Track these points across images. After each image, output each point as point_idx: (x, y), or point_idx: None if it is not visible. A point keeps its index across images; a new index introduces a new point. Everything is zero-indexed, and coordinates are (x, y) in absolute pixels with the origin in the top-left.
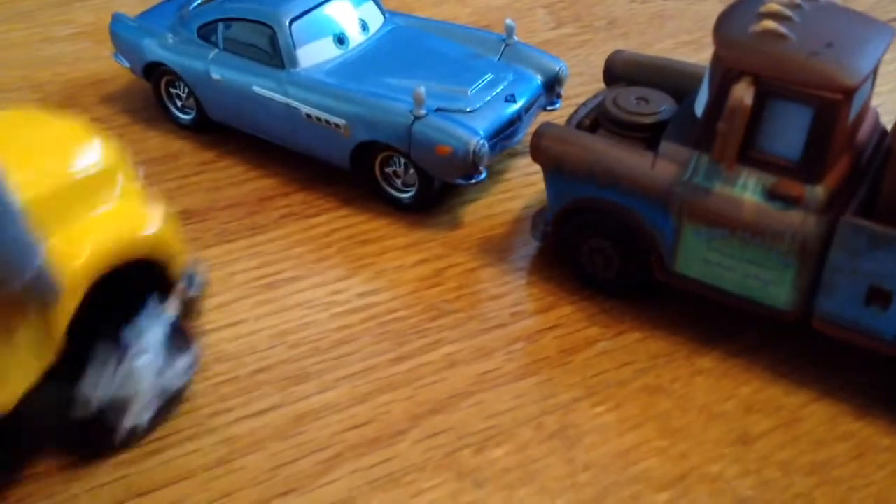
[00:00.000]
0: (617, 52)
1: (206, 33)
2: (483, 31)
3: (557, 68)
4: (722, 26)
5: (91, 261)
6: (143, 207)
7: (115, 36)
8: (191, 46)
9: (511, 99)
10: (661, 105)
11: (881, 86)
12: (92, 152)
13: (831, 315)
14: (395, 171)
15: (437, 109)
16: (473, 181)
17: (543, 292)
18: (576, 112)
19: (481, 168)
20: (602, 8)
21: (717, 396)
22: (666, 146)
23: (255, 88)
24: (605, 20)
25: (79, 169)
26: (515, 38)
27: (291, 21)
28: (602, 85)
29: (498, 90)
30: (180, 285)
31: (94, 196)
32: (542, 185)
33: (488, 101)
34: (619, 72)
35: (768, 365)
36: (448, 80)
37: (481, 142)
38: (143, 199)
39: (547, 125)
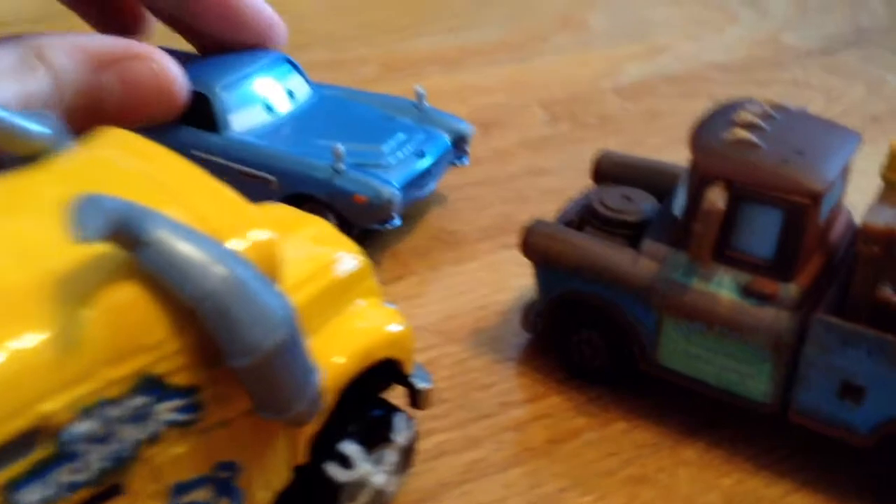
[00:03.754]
0: (604, 153)
1: None
2: (397, 98)
3: (463, 128)
4: (697, 134)
5: (348, 366)
6: (383, 305)
7: None
8: None
9: (421, 155)
10: (644, 204)
11: (866, 181)
12: (346, 250)
13: (807, 408)
14: None
15: (356, 165)
16: (388, 227)
17: (533, 382)
18: (565, 209)
19: (394, 215)
20: (596, 106)
21: (700, 487)
22: (647, 244)
23: (193, 151)
24: (598, 118)
25: (341, 271)
26: (426, 103)
27: (223, 90)
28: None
29: (409, 147)
30: (414, 380)
31: (348, 295)
32: (532, 279)
33: (401, 157)
34: (606, 171)
35: (750, 456)
36: (365, 139)
37: (394, 192)
38: (380, 294)
39: (537, 222)
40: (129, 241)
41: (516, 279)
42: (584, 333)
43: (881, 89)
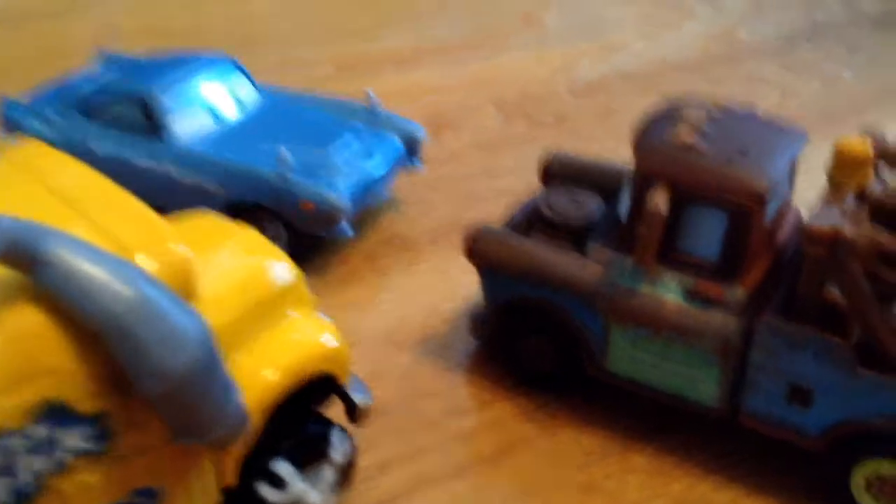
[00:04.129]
0: (552, 154)
1: (86, 110)
2: (348, 101)
3: (415, 131)
4: (640, 135)
5: (280, 382)
6: (318, 317)
7: (4, 119)
8: (71, 123)
9: (372, 159)
10: (592, 206)
11: (822, 179)
12: (278, 263)
13: (757, 412)
14: (264, 230)
15: (303, 170)
16: (338, 235)
17: (481, 389)
18: (512, 212)
19: (344, 222)
20: (551, 105)
21: (649, 493)
22: (592, 247)
23: (134, 159)
24: (552, 117)
25: (270, 283)
26: (377, 106)
27: (165, 93)
28: None
29: (359, 151)
30: (352, 394)
31: (279, 306)
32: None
33: (350, 161)
34: (554, 172)
35: (700, 461)
36: (314, 144)
37: (342, 196)
38: (313, 304)
39: (482, 227)
40: (23, 261)
41: (466, 284)
42: (532, 339)
43: (836, 85)
